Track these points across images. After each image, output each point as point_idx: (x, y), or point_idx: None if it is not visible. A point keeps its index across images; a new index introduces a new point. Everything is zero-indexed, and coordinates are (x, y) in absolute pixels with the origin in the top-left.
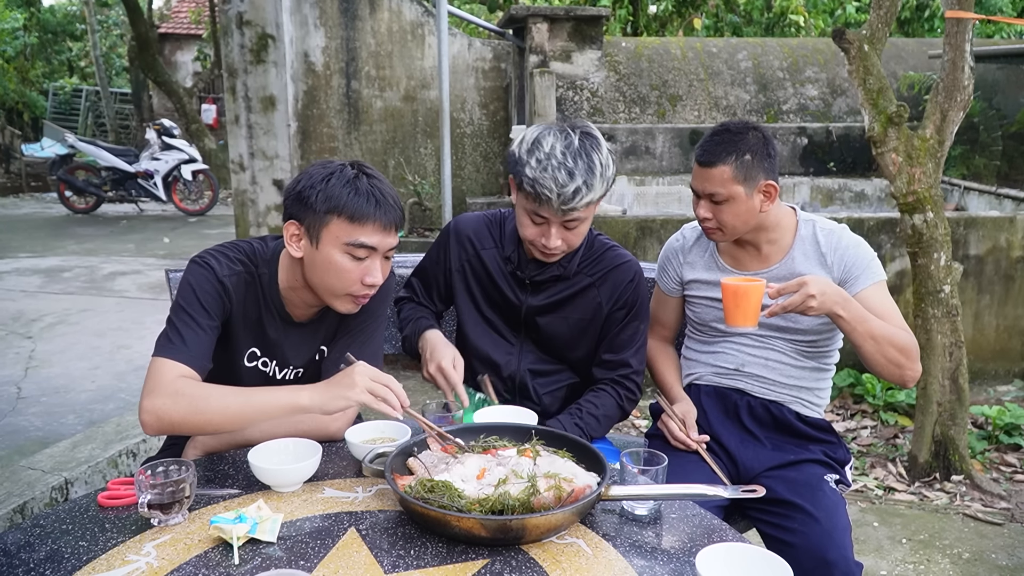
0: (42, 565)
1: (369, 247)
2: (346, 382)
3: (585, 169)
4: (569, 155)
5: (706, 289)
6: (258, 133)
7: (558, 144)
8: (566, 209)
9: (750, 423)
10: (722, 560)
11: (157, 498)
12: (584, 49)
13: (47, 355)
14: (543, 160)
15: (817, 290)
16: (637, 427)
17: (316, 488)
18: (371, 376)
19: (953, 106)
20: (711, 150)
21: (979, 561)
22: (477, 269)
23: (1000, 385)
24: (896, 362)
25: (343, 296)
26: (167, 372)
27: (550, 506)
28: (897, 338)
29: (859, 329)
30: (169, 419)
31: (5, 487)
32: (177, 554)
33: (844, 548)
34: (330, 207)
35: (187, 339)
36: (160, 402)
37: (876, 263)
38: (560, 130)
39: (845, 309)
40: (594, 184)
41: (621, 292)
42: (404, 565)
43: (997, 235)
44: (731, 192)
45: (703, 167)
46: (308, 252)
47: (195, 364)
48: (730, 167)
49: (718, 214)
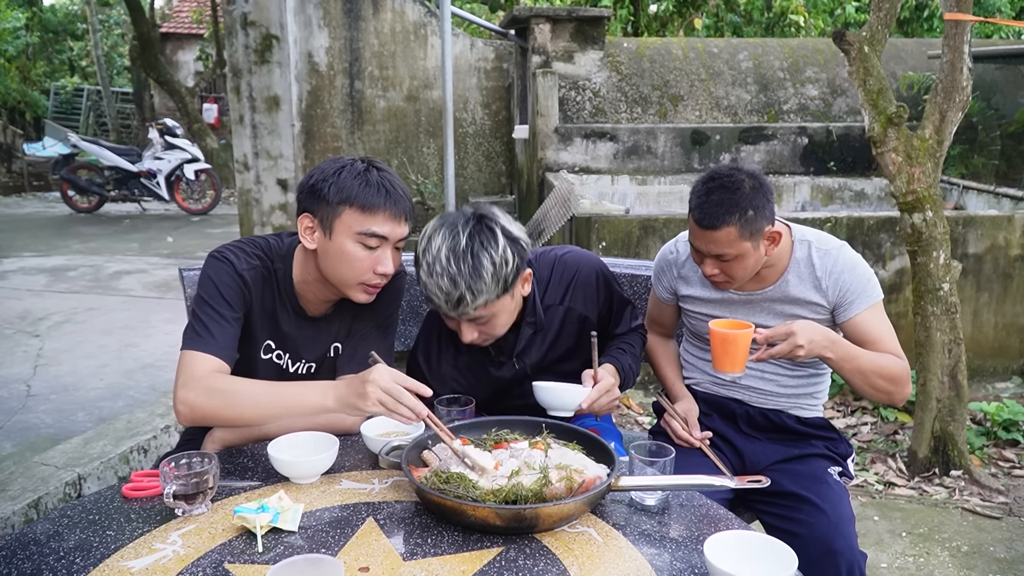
0: (72, 553)
1: (380, 236)
2: (360, 391)
3: (469, 273)
4: (453, 259)
5: (701, 305)
6: (262, 133)
7: (444, 245)
8: (459, 313)
9: (749, 429)
10: (730, 547)
11: (182, 489)
12: (586, 49)
13: (55, 353)
14: (431, 264)
15: (805, 339)
16: (640, 424)
17: (334, 480)
18: (384, 386)
19: (952, 107)
20: (711, 212)
21: (978, 554)
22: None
23: (998, 382)
24: (884, 390)
25: (356, 285)
26: (199, 365)
27: (562, 496)
28: (886, 369)
29: (847, 367)
30: (202, 412)
31: (20, 483)
32: (202, 542)
33: (850, 538)
34: (342, 198)
35: (214, 332)
36: (194, 396)
37: (872, 284)
38: (451, 226)
39: (833, 352)
40: (481, 288)
41: (596, 294)
42: (422, 553)
43: (996, 234)
44: (739, 250)
45: (706, 230)
46: (322, 243)
47: (224, 356)
48: (735, 227)
49: (727, 269)
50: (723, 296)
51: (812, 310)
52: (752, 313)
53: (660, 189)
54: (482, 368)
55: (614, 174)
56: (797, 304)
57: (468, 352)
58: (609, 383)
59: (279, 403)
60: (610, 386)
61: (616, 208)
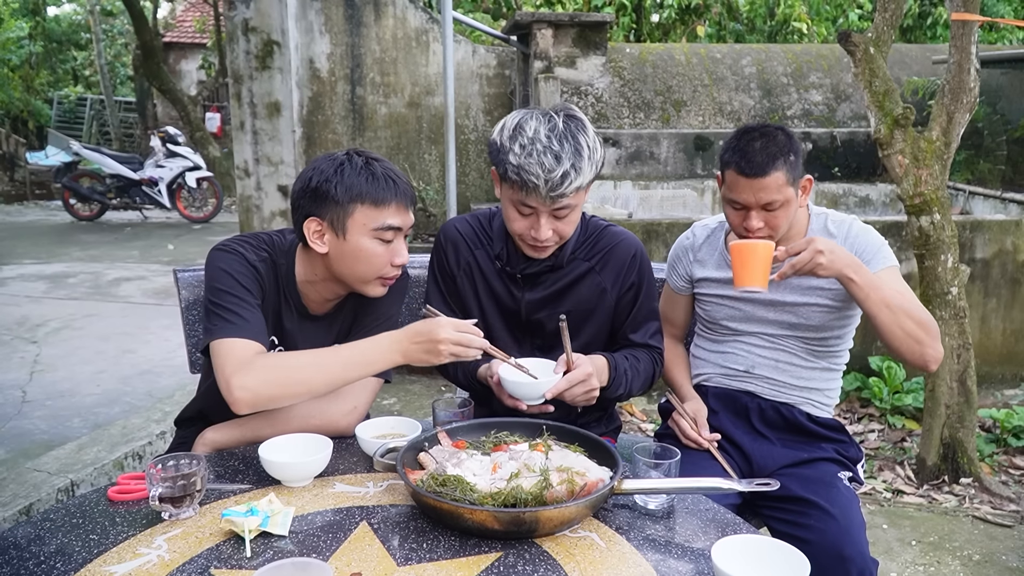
0: (52, 558)
1: (395, 228)
2: (432, 348)
3: (572, 152)
4: (555, 138)
5: (716, 287)
6: (263, 139)
7: (542, 128)
8: (555, 196)
9: (760, 425)
10: (739, 552)
11: (168, 491)
12: (588, 55)
13: (52, 359)
14: (527, 145)
15: (825, 247)
16: (644, 430)
17: (327, 483)
18: (454, 338)
19: (959, 108)
20: (758, 160)
21: (989, 563)
22: (475, 270)
23: (1007, 389)
24: (915, 336)
25: (373, 281)
26: (242, 349)
27: (563, 499)
28: (916, 312)
29: (873, 296)
30: (266, 393)
31: (11, 489)
32: (188, 547)
33: (861, 544)
34: (352, 196)
35: (246, 316)
36: (252, 379)
37: (887, 250)
38: (543, 113)
39: (857, 273)
40: (582, 167)
41: (626, 272)
42: (417, 558)
43: (1003, 238)
44: (787, 196)
45: (754, 178)
46: (335, 245)
47: (259, 339)
48: (783, 172)
49: (772, 221)
50: None
51: (830, 280)
52: (772, 289)
53: (663, 194)
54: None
55: (617, 179)
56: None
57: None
58: (584, 373)
59: (341, 364)
60: (585, 376)
61: (619, 213)
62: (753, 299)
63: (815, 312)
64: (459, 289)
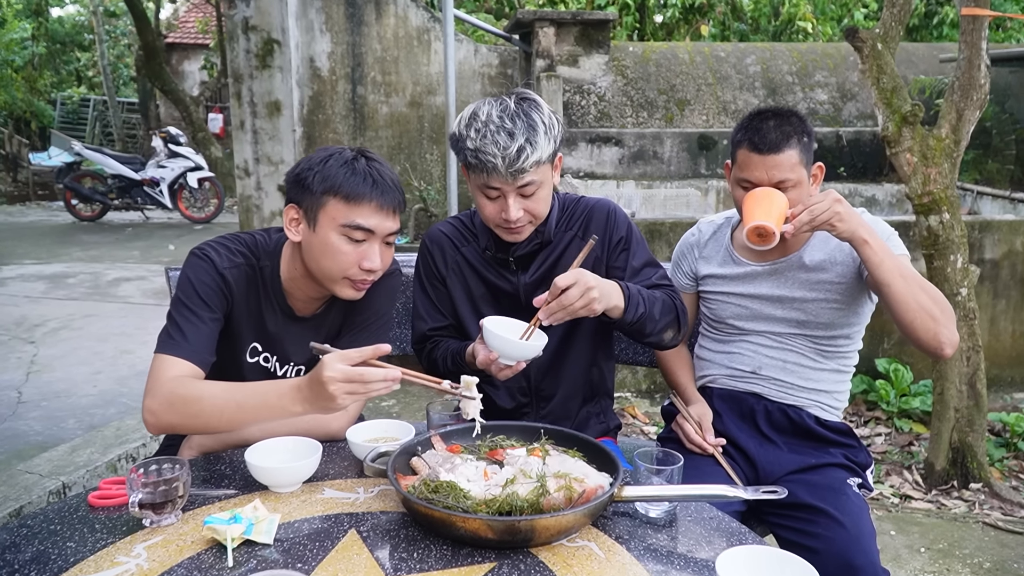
0: (27, 566)
1: (366, 229)
2: (323, 393)
3: (525, 127)
4: (507, 118)
5: (722, 284)
6: (263, 138)
7: (494, 111)
8: (515, 171)
9: (767, 428)
10: (745, 563)
11: (149, 497)
12: (591, 53)
13: (49, 360)
14: (481, 128)
15: (843, 204)
16: (646, 433)
17: (315, 488)
18: (342, 378)
19: (969, 105)
20: (772, 137)
21: (1001, 571)
22: (464, 267)
23: (1017, 392)
24: (930, 312)
25: (341, 280)
26: (165, 371)
27: (560, 507)
28: (930, 287)
29: (888, 263)
30: (168, 421)
31: (1, 491)
32: (168, 556)
33: (871, 553)
34: (326, 188)
35: (187, 334)
36: (157, 404)
37: (897, 239)
38: (495, 98)
39: (872, 237)
40: (537, 141)
41: (609, 230)
42: (407, 568)
43: (1013, 239)
44: (799, 176)
45: (768, 154)
46: (306, 235)
47: (196, 359)
48: (797, 150)
49: None
50: (746, 270)
51: (838, 274)
52: (777, 283)
53: (666, 193)
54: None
55: (619, 179)
56: (822, 269)
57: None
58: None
59: (244, 412)
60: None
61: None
62: (760, 296)
63: (824, 308)
64: (449, 291)
